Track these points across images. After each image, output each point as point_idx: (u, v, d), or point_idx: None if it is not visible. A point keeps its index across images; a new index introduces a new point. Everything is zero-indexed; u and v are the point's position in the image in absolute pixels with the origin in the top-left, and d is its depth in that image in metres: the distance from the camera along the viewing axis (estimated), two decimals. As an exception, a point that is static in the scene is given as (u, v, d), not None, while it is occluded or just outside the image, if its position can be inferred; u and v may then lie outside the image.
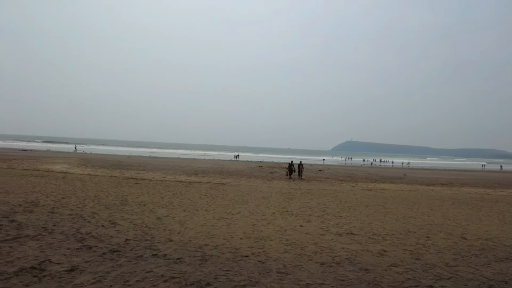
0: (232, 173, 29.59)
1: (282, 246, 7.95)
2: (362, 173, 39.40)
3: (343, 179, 30.42)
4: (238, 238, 8.33)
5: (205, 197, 14.97)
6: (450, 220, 12.54)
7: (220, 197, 15.21)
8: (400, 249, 8.29)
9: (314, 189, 21.46)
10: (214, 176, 26.26)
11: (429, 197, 20.16)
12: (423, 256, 7.82)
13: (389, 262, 7.20)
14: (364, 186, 25.54)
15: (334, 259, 7.20)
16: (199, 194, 15.82)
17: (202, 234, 8.49)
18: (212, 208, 12.45)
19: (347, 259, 7.25)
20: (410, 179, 35.03)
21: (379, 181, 30.65)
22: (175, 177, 24.09)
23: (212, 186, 19.73)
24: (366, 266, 6.83)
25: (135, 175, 23.44)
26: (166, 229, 8.78)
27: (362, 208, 14.60)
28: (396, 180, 33.35)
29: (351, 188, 23.47)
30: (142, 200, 13.19)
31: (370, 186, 26.21)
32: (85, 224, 8.85)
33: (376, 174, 40.74)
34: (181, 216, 10.64)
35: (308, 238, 8.88)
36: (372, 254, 7.77)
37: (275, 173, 32.89)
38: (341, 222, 11.29)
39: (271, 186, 21.28)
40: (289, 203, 14.72)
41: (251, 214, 11.56)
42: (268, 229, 9.51)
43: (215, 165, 41.70)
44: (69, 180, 18.46)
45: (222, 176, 26.44)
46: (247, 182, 23.30)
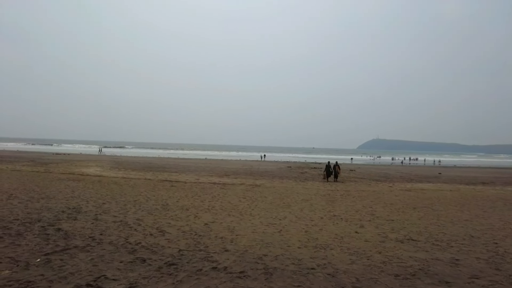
0: (263, 174, 29.09)
1: (345, 256, 7.32)
2: (395, 172, 38.12)
3: (378, 179, 29.40)
4: (296, 247, 7.74)
5: (244, 200, 14.48)
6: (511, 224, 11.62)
7: (260, 200, 14.68)
8: (473, 258, 7.56)
9: (352, 190, 20.65)
10: (246, 177, 25.83)
11: (475, 198, 19.01)
12: (502, 266, 7.06)
13: (468, 273, 6.50)
14: (402, 186, 24.51)
15: (407, 270, 6.56)
16: (238, 197, 15.36)
17: (256, 242, 7.95)
18: (256, 212, 11.92)
19: (421, 270, 6.62)
20: (447, 178, 33.58)
21: (415, 181, 29.47)
22: (208, 178, 23.79)
23: (247, 188, 19.26)
24: (445, 278, 6.18)
25: (169, 177, 23.28)
26: (217, 237, 8.29)
27: (411, 211, 13.82)
28: (432, 179, 32.04)
29: (390, 189, 22.50)
30: (183, 204, 12.82)
31: (408, 186, 25.14)
32: (132, 232, 8.45)
33: (409, 173, 39.34)
34: (227, 221, 10.16)
35: (369, 246, 8.23)
36: (444, 263, 7.10)
37: (306, 173, 32.16)
38: (395, 226, 10.61)
39: (306, 188, 20.60)
40: (333, 207, 14.03)
41: (298, 219, 10.95)
42: (323, 236, 8.88)
43: (244, 165, 41.33)
44: (105, 183, 18.41)
45: (253, 177, 25.98)
46: (281, 183, 22.71)
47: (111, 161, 40.76)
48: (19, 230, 8.18)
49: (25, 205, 11.29)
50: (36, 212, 10.31)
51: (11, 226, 8.52)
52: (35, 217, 9.57)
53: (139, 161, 42.15)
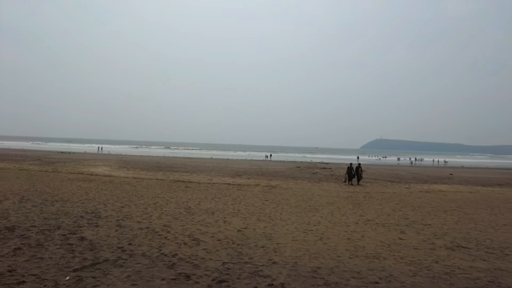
0: (274, 175, 28.39)
1: (403, 266, 6.66)
2: (406, 173, 37.44)
3: (392, 180, 28.72)
4: (347, 257, 7.05)
5: (268, 203, 13.77)
6: None
7: (284, 203, 13.96)
8: None
9: (371, 192, 19.97)
10: (259, 178, 25.14)
11: (499, 200, 18.40)
12: None
13: None
14: (419, 188, 23.85)
15: (477, 283, 5.98)
16: (259, 199, 14.65)
17: (302, 252, 7.24)
18: (285, 216, 11.21)
19: (491, 283, 6.06)
20: (460, 179, 32.90)
21: (429, 182, 28.80)
22: (221, 179, 23.10)
23: (264, 189, 18.56)
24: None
25: (181, 178, 22.58)
26: (257, 246, 7.57)
27: (442, 214, 13.21)
28: (445, 180, 31.40)
29: (408, 191, 21.83)
30: (207, 208, 12.11)
31: (425, 187, 24.48)
32: (164, 241, 7.70)
33: (421, 173, 38.68)
34: (260, 227, 9.44)
35: (421, 254, 7.61)
36: (510, 274, 6.50)
37: (318, 174, 31.46)
38: (437, 232, 10.02)
39: (324, 189, 19.89)
40: (362, 210, 13.34)
41: (334, 225, 10.24)
42: (369, 244, 8.20)
43: (252, 165, 40.63)
44: (117, 184, 17.70)
45: (266, 178, 25.29)
46: (296, 184, 22.02)
47: (118, 160, 40.05)
48: (38, 239, 7.43)
49: (40, 209, 10.56)
50: (53, 217, 9.57)
51: (29, 234, 7.77)
52: (54, 224, 8.83)
53: (146, 161, 41.43)
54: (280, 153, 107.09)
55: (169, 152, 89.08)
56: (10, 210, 10.24)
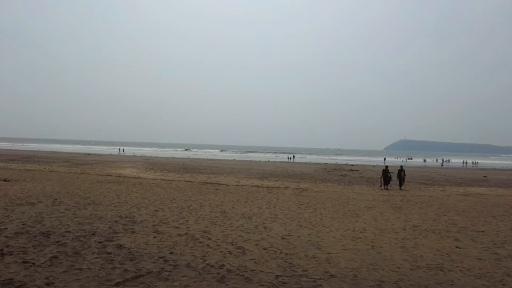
0: (302, 177, 27.73)
1: (473, 280, 6.03)
2: (437, 175, 36.02)
3: (425, 182, 27.63)
4: (407, 268, 6.41)
5: (304, 207, 13.19)
6: None
7: (321, 207, 13.35)
8: None
9: (407, 196, 19.06)
10: (287, 180, 24.57)
11: None
12: None
13: None
14: (455, 191, 22.70)
15: None
16: (294, 203, 14.08)
17: (358, 263, 6.63)
18: (327, 222, 10.59)
19: None
20: (496, 181, 31.34)
21: (464, 184, 27.49)
22: (249, 181, 22.66)
23: (295, 192, 17.98)
24: None
25: (209, 180, 22.28)
26: (308, 256, 7.00)
27: (492, 219, 12.40)
28: (481, 182, 29.97)
29: (445, 194, 20.77)
30: (242, 211, 11.65)
31: (461, 190, 23.29)
32: (207, 250, 7.22)
33: (453, 175, 37.13)
34: (304, 234, 8.87)
35: (488, 266, 6.93)
36: None
37: (347, 176, 30.60)
38: (495, 240, 9.25)
39: (358, 193, 19.12)
40: (405, 215, 12.57)
41: (381, 232, 9.57)
42: (426, 253, 7.52)
43: (277, 167, 40.06)
44: (147, 186, 17.52)
45: (294, 180, 24.69)
46: (327, 187, 21.32)
47: (144, 162, 40.31)
48: (75, 247, 7.05)
49: (73, 213, 10.34)
50: (87, 222, 9.28)
51: (65, 241, 7.41)
52: (88, 229, 8.50)
53: (171, 162, 41.56)
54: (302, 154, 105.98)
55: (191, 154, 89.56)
56: (44, 213, 10.07)
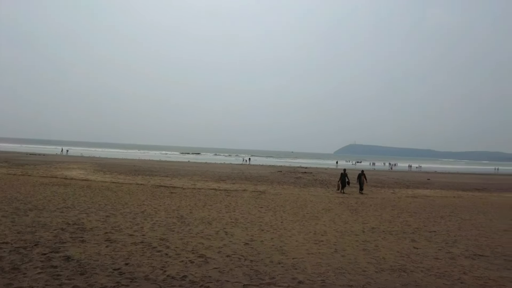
0: (258, 179, 27.65)
1: (435, 280, 6.24)
2: (386, 178, 37.73)
3: (375, 185, 28.68)
4: (372, 271, 6.40)
5: (264, 211, 12.98)
6: None
7: (280, 210, 13.23)
8: None
9: (361, 198, 19.65)
10: (244, 183, 24.33)
11: (486, 204, 18.69)
12: None
13: None
14: (404, 193, 23.86)
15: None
16: (253, 206, 13.83)
17: (324, 268, 6.46)
18: (289, 225, 10.43)
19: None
20: (439, 184, 33.42)
21: (411, 187, 29.01)
22: (205, 184, 22.10)
23: (253, 195, 17.76)
24: None
25: (162, 183, 21.39)
26: (273, 262, 6.69)
27: (442, 220, 13.05)
28: (426, 185, 31.81)
29: (395, 196, 21.73)
30: (201, 216, 11.14)
31: (410, 192, 24.53)
32: (166, 259, 6.64)
33: (400, 178, 39.08)
34: (267, 238, 8.61)
35: (445, 265, 7.22)
36: None
37: (302, 178, 31.01)
38: (447, 239, 9.72)
39: (315, 195, 19.35)
40: (362, 217, 12.83)
41: (341, 234, 9.58)
42: (388, 255, 7.61)
43: (233, 169, 39.72)
44: (96, 190, 16.38)
45: (251, 183, 24.51)
46: (284, 189, 21.37)
47: (93, 163, 38.05)
48: (13, 261, 6.05)
49: (12, 220, 9.18)
50: (28, 230, 8.20)
51: (1, 254, 6.36)
52: (30, 239, 7.47)
53: (122, 164, 39.64)
54: (256, 156, 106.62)
55: (144, 154, 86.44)
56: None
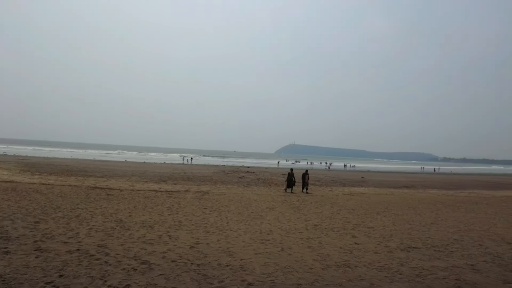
0: (202, 179, 27.18)
1: (377, 273, 6.58)
2: (324, 176, 39.27)
3: (314, 183, 29.66)
4: (319, 269, 6.54)
5: (208, 212, 12.71)
6: (476, 225, 12.63)
7: (225, 211, 13.06)
8: (480, 262, 7.73)
9: (302, 195, 20.28)
10: (186, 183, 23.75)
11: (414, 200, 20.41)
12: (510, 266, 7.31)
13: (495, 278, 6.53)
14: (341, 191, 25.06)
15: (448, 283, 6.24)
16: (197, 208, 13.49)
17: (272, 267, 6.43)
18: (234, 226, 10.33)
19: (458, 281, 6.37)
20: (373, 182, 35.56)
21: (348, 185, 30.56)
22: (145, 185, 21.17)
23: (196, 195, 17.36)
24: (484, 287, 6.03)
25: (98, 184, 20.05)
26: (221, 265, 6.52)
27: (377, 216, 13.90)
28: (361, 183, 33.69)
29: (333, 193, 22.73)
30: (141, 220, 10.56)
31: (346, 190, 25.82)
32: (106, 268, 6.08)
33: (337, 177, 40.91)
34: (213, 240, 8.40)
35: (385, 258, 7.60)
36: (467, 270, 7.01)
37: (244, 178, 31.12)
38: (384, 234, 10.32)
39: (258, 194, 19.50)
40: (305, 215, 13.19)
41: (286, 233, 9.71)
42: (332, 252, 7.89)
43: (175, 169, 38.66)
44: (23, 192, 14.83)
45: (194, 183, 24.01)
46: (228, 189, 21.24)
47: (19, 162, 34.51)
48: None
49: None
50: None
51: None
52: None
53: (53, 163, 36.47)
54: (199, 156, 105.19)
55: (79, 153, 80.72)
56: None
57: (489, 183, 42.47)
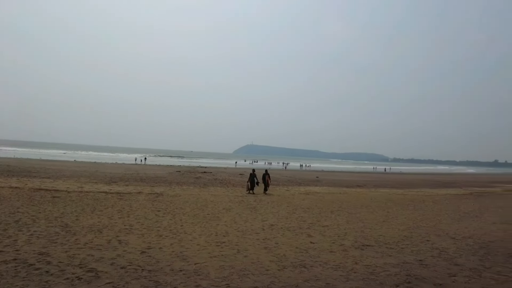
0: (155, 180, 26.33)
1: (332, 272, 6.61)
2: (281, 176, 39.76)
3: (271, 183, 29.89)
4: (275, 269, 6.44)
5: (161, 214, 12.21)
6: (423, 222, 13.31)
7: (180, 213, 12.64)
8: (429, 256, 8.07)
9: (259, 195, 20.28)
10: (139, 184, 22.87)
11: (366, 199, 21.22)
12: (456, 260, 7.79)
13: (443, 272, 6.84)
14: (297, 190, 25.48)
15: (399, 278, 6.37)
16: (150, 210, 12.94)
17: (228, 271, 6.26)
18: (189, 229, 9.98)
19: (409, 276, 6.56)
20: (327, 181, 36.56)
21: (303, 184, 31.15)
22: (94, 186, 20.10)
23: (149, 197, 16.70)
24: (434, 281, 6.32)
25: (43, 185, 18.69)
26: (174, 270, 6.19)
27: (332, 215, 14.19)
28: (315, 182, 34.50)
29: (289, 193, 23.03)
30: (89, 224, 9.90)
31: (302, 189, 26.28)
32: (46, 278, 5.54)
33: (293, 176, 41.61)
34: (166, 245, 8.02)
35: (340, 257, 7.72)
36: (417, 266, 7.28)
37: (201, 178, 30.62)
38: (338, 233, 10.52)
39: (214, 195, 19.20)
40: (261, 215, 13.16)
41: (243, 234, 9.58)
42: (288, 252, 7.88)
43: (127, 170, 37.19)
44: (-49, 197, 13.49)
45: (148, 184, 23.19)
46: (183, 190, 20.72)
47: None
48: None
49: None
50: None
51: None
52: None
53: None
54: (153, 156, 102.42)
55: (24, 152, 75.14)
56: None
57: (435, 182, 45.33)
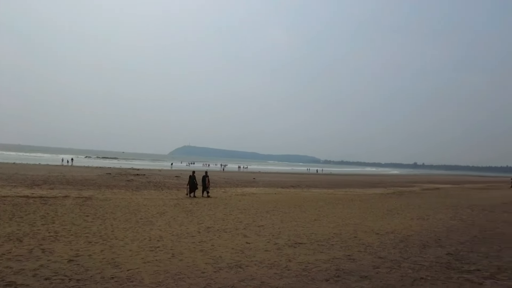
0: (83, 183, 24.73)
1: (267, 271, 6.67)
2: (218, 178, 39.83)
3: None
4: (211, 272, 6.40)
5: (90, 219, 11.50)
6: (351, 219, 14.05)
7: (109, 218, 12.00)
8: (356, 252, 8.51)
9: (196, 198, 20.08)
10: (65, 188, 21.35)
11: (299, 199, 22.26)
12: (388, 255, 7.97)
13: (369, 265, 7.28)
14: (234, 191, 25.74)
15: (329, 273, 6.70)
16: (77, 215, 12.11)
17: (162, 276, 6.09)
18: (120, 234, 9.51)
19: (338, 270, 6.90)
20: (263, 182, 37.40)
21: (240, 186, 31.57)
22: (13, 190, 18.32)
23: (77, 202, 15.63)
24: (360, 273, 6.72)
25: None
26: (106, 278, 5.83)
27: (267, 215, 14.52)
28: (252, 183, 35.13)
29: (226, 194, 23.23)
30: (7, 232, 8.91)
31: (239, 190, 26.62)
32: None
33: (231, 178, 41.89)
34: (96, 252, 7.56)
35: (274, 256, 7.88)
36: (345, 261, 7.66)
37: (133, 181, 29.43)
38: (273, 232, 10.78)
39: (148, 198, 18.60)
40: (197, 217, 13.05)
41: (178, 238, 9.33)
42: (224, 253, 7.85)
43: (51, 171, 34.41)
44: None
45: (74, 187, 21.71)
46: (114, 194, 19.75)
47: None
48: None
49: None
50: None
51: None
52: None
53: None
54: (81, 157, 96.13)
55: None
56: None
57: (362, 182, 48.64)
